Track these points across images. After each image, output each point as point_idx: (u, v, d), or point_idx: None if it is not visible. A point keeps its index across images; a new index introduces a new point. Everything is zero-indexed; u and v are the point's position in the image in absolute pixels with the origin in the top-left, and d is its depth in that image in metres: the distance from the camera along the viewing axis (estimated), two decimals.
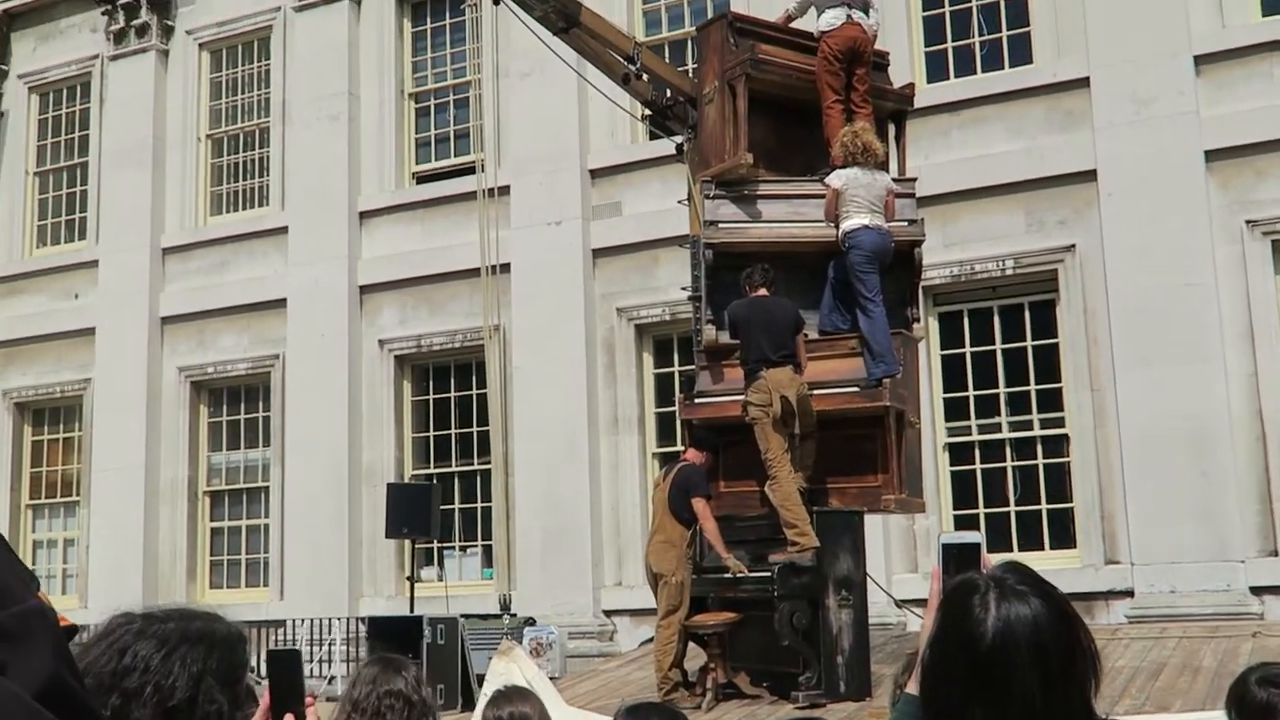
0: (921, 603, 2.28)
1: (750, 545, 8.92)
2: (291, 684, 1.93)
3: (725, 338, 9.22)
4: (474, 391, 15.63)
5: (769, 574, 8.44)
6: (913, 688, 1.92)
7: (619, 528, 14.40)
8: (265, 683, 1.93)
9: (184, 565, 16.83)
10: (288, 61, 17.19)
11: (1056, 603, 1.76)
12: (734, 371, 9.13)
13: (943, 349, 13.40)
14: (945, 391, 13.33)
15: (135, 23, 18.13)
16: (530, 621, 13.49)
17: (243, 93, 17.88)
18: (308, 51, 16.93)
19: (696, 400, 9.40)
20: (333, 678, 13.85)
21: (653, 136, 12.30)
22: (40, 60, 19.15)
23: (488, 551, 15.20)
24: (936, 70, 13.92)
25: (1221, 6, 12.63)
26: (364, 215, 16.45)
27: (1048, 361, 12.97)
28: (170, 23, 18.17)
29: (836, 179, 9.14)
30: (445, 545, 15.42)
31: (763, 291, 8.96)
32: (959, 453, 13.25)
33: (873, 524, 10.99)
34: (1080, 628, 1.76)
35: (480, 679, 11.25)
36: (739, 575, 8.69)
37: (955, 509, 13.03)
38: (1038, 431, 12.99)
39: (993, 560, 1.97)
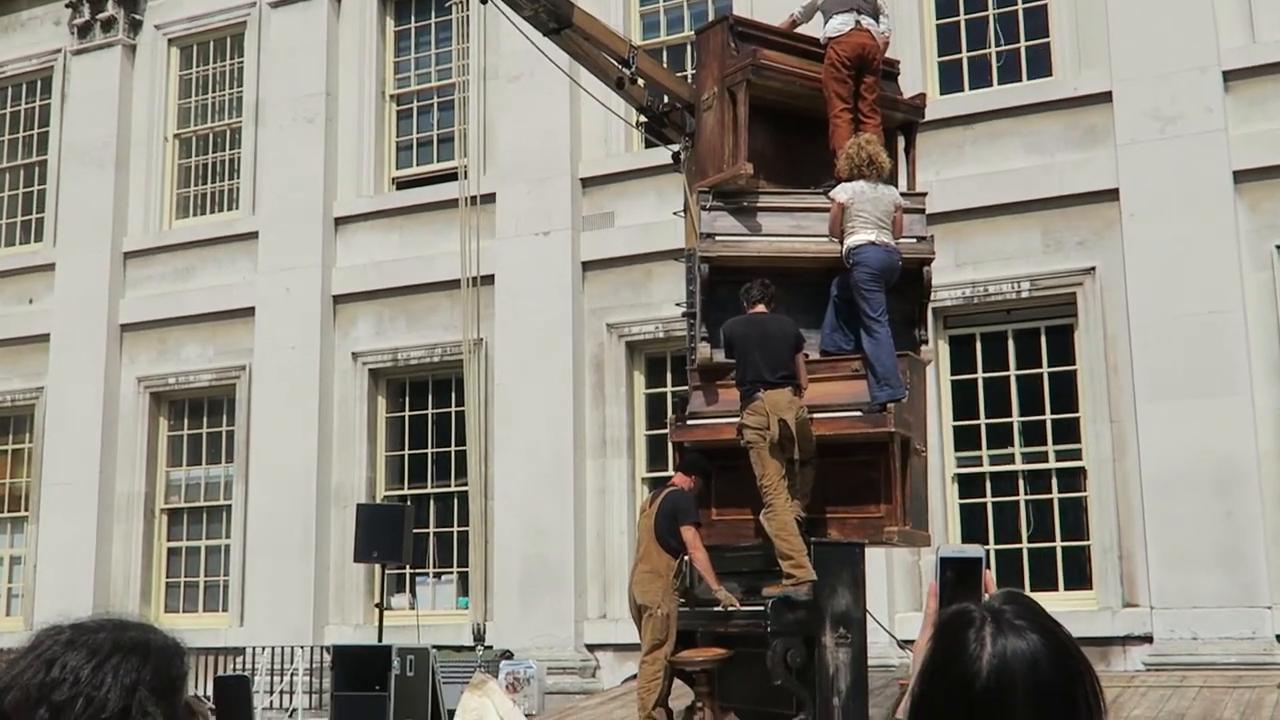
0: None
1: (743, 577, 8.89)
2: (240, 713, 1.91)
3: (720, 356, 9.19)
4: (453, 409, 15.62)
5: (762, 608, 8.39)
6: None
7: (604, 557, 14.37)
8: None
9: (138, 587, 16.76)
10: (262, 59, 17.22)
11: (1058, 640, 1.72)
12: (729, 392, 9.11)
13: (953, 374, 13.41)
14: (955, 419, 13.34)
15: (101, 16, 18.15)
16: (507, 654, 13.44)
17: (213, 91, 17.90)
18: (283, 49, 16.95)
19: (688, 422, 9.38)
20: (294, 710, 13.78)
21: (648, 144, 12.31)
22: None
23: (463, 579, 15.16)
24: (950, 81, 13.97)
25: (1252, 20, 12.69)
26: (339, 221, 16.46)
27: (1065, 390, 12.99)
28: (138, 17, 18.20)
29: (841, 192, 9.15)
30: (418, 571, 15.38)
31: (761, 308, 8.95)
32: (969, 484, 13.25)
33: (874, 557, 10.97)
34: (1084, 668, 1.73)
35: (451, 714, 11.22)
36: (730, 609, 8.65)
37: (964, 544, 12.99)
38: (1053, 464, 13.00)
39: (994, 580, 1.95)
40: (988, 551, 12.90)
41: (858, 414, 8.96)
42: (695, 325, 9.49)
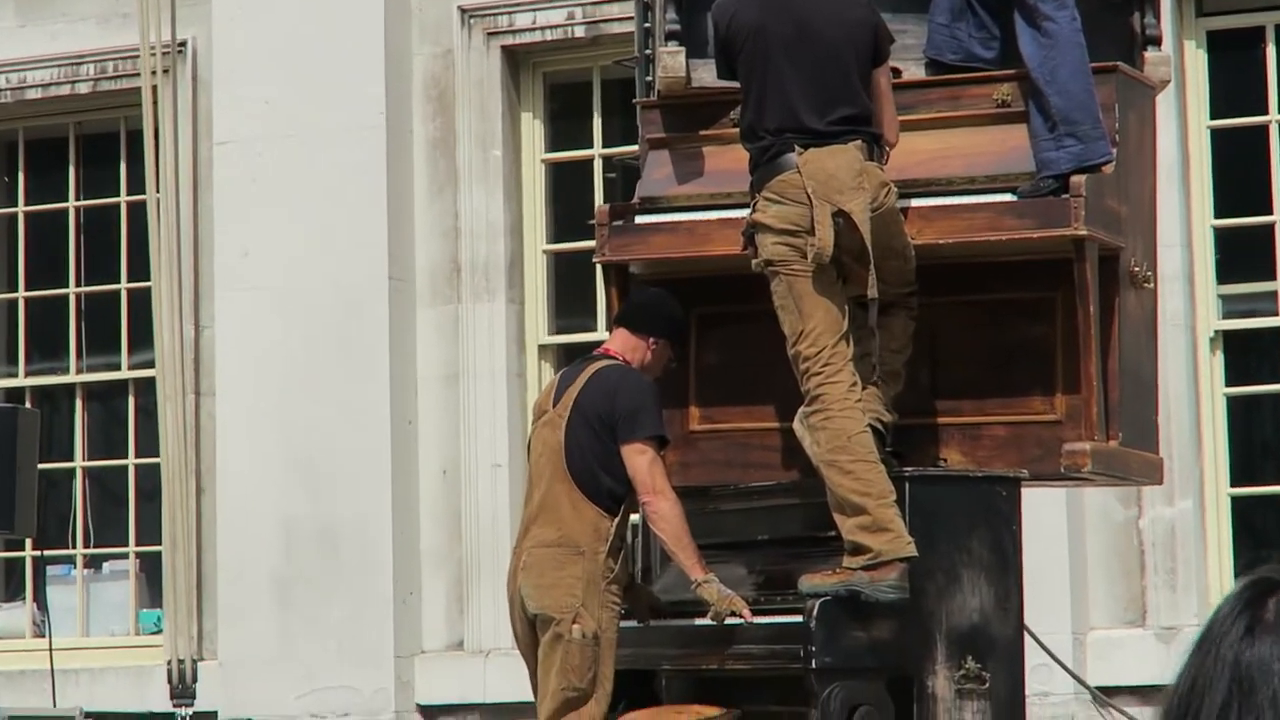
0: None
1: (757, 554, 9.04)
2: None
3: (710, 79, 9.26)
4: (121, 199, 15.63)
5: (799, 619, 8.54)
6: None
7: (460, 518, 14.50)
8: None
9: None
10: None
11: None
12: (727, 155, 9.19)
13: (1215, 117, 13.51)
14: (1218, 214, 13.46)
15: None
16: None
17: None
18: None
19: (639, 220, 9.45)
20: None
21: None
22: None
23: (151, 570, 15.29)
24: None
25: None
26: None
27: None
28: None
29: None
30: (54, 554, 15.47)
31: None
32: (1249, 355, 13.44)
33: (1045, 505, 11.12)
34: None
35: None
36: (730, 623, 8.79)
37: (1236, 484, 13.19)
38: None
39: None
40: None
41: (1009, 198, 9.04)
42: (654, 11, 9.51)
